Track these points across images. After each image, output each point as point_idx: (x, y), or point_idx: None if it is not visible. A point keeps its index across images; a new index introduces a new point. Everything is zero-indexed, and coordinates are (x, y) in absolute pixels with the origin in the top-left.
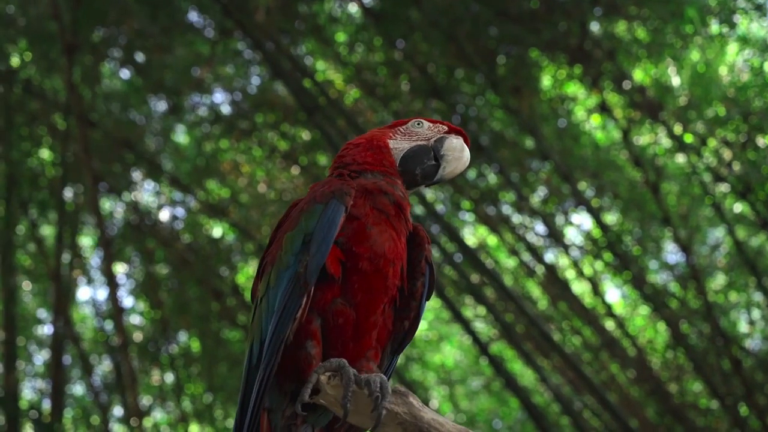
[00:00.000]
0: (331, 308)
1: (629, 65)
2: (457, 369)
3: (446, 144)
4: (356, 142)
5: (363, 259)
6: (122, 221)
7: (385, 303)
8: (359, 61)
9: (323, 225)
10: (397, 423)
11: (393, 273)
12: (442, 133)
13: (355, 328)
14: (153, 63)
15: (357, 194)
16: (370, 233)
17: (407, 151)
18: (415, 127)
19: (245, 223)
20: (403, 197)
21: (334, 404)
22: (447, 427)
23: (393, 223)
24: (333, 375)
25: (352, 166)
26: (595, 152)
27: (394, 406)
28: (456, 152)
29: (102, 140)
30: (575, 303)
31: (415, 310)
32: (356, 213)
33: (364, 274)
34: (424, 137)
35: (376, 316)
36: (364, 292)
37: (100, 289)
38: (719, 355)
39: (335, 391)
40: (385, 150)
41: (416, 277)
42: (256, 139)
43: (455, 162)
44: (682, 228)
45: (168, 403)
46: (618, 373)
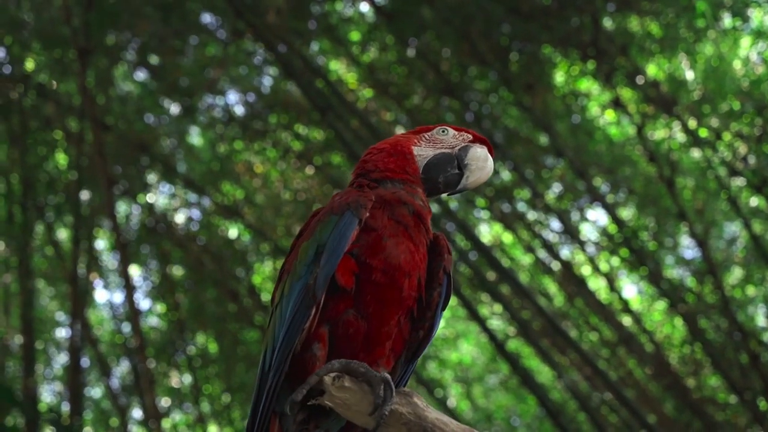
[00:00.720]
0: (342, 318)
1: (642, 60)
2: (475, 366)
3: (470, 153)
4: (380, 147)
5: (377, 271)
6: (138, 224)
7: (400, 314)
8: (372, 60)
9: (335, 237)
10: (402, 423)
11: (409, 285)
12: (467, 142)
13: (366, 338)
14: (166, 65)
15: (375, 205)
16: (385, 245)
17: (431, 159)
18: (440, 135)
19: (260, 224)
20: (423, 206)
21: (341, 406)
22: (451, 426)
23: (411, 234)
24: (338, 376)
25: (373, 174)
26: (609, 148)
27: (398, 407)
28: (480, 162)
29: (116, 143)
30: (592, 299)
31: (431, 320)
32: (373, 224)
33: (378, 286)
34: (449, 145)
35: (389, 327)
36: (377, 303)
37: (116, 292)
38: (737, 349)
39: (341, 393)
40: (409, 156)
41: (433, 287)
42: (270, 139)
43: (478, 172)
44: (698, 222)
45: (186, 404)
46: (635, 369)
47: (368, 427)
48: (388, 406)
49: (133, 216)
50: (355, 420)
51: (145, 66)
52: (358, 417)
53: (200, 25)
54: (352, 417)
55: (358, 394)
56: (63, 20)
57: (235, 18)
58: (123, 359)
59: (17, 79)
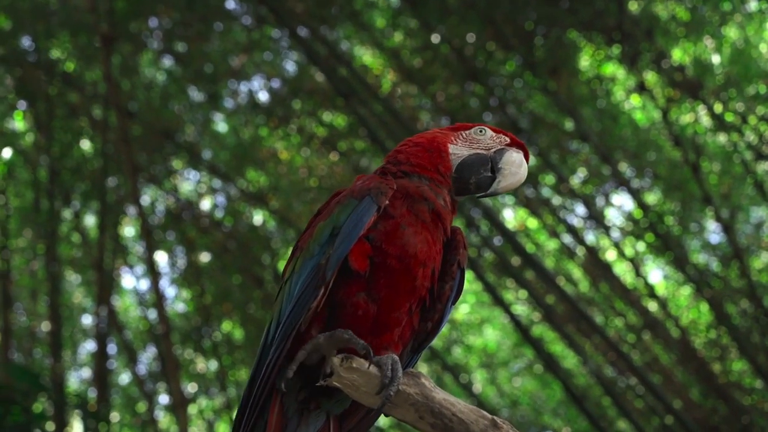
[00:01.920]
0: (352, 300)
1: (668, 44)
2: (500, 352)
3: (505, 157)
4: (417, 141)
5: (392, 257)
6: (163, 211)
7: (411, 302)
8: (396, 45)
9: (352, 221)
10: (410, 404)
11: (423, 275)
12: (504, 145)
13: (375, 322)
14: (191, 52)
15: (396, 194)
16: (403, 233)
17: (465, 158)
18: (478, 135)
19: (285, 211)
20: (445, 206)
21: (349, 387)
22: (458, 407)
23: (429, 227)
24: (346, 357)
25: (403, 166)
26: (634, 132)
27: (406, 387)
28: (513, 167)
29: (141, 130)
30: (617, 284)
31: (440, 312)
32: (393, 212)
33: (392, 272)
34: (485, 146)
35: (399, 313)
36: (389, 289)
37: (142, 279)
38: (763, 333)
39: (349, 373)
40: (444, 154)
41: (446, 280)
42: (294, 125)
43: (511, 177)
44: (724, 207)
45: (212, 390)
46: (661, 354)
47: (375, 407)
48: (395, 387)
49: (158, 203)
50: (363, 400)
51: (170, 53)
52: (365, 397)
53: (225, 10)
54: (359, 397)
55: (366, 375)
56: (88, 8)
57: (258, 3)
58: (149, 345)
59: (43, 66)
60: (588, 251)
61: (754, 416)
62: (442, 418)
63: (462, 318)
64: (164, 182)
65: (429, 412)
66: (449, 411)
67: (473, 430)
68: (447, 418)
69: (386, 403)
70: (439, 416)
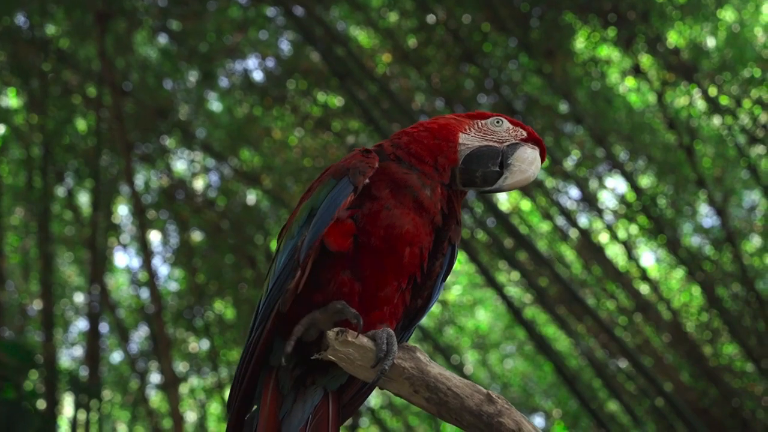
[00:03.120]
0: (337, 279)
1: (663, 27)
2: (492, 333)
3: (517, 153)
4: (428, 125)
5: (376, 237)
6: (157, 189)
7: (400, 281)
8: (391, 26)
9: (326, 203)
10: (404, 378)
11: (410, 253)
12: (519, 139)
13: (361, 300)
14: (186, 30)
15: (382, 176)
16: (388, 213)
17: (475, 150)
18: (494, 126)
19: (279, 190)
20: (431, 197)
21: (344, 361)
22: (454, 381)
23: (416, 209)
24: (341, 331)
25: (400, 150)
26: (629, 115)
27: (401, 361)
28: (524, 164)
29: (136, 109)
30: (609, 267)
31: (430, 290)
32: (377, 193)
33: (377, 251)
34: (499, 138)
35: (387, 291)
36: (374, 268)
37: (135, 257)
38: (755, 317)
39: (344, 347)
40: (452, 144)
41: (437, 256)
42: (288, 105)
43: (519, 175)
44: (718, 191)
45: (204, 370)
46: (652, 337)
47: (370, 380)
48: (390, 360)
49: (151, 181)
50: (358, 374)
51: (165, 31)
52: (360, 371)
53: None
54: (354, 371)
55: (362, 349)
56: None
57: None
58: (141, 324)
59: (37, 44)
60: (581, 234)
61: (743, 400)
62: (437, 393)
63: (454, 299)
64: (158, 161)
65: (424, 387)
66: (444, 385)
67: (468, 404)
68: (442, 393)
69: (381, 377)
70: (434, 390)
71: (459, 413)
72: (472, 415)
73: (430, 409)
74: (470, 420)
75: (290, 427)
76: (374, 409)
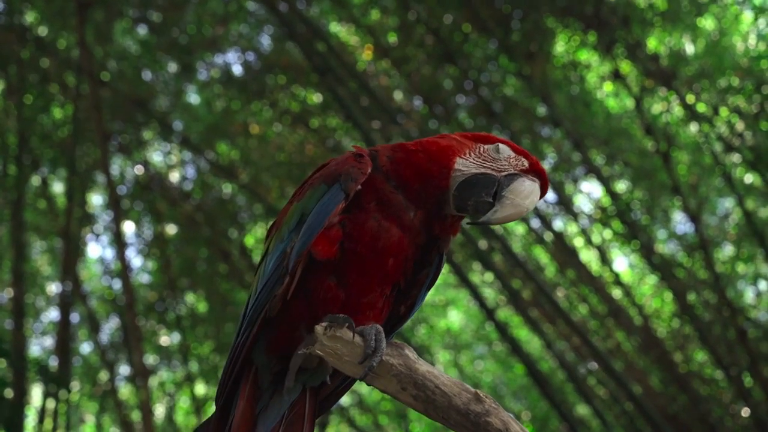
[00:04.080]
0: (323, 285)
1: (644, 33)
2: (463, 334)
3: (514, 184)
4: (426, 145)
5: (363, 245)
6: (132, 180)
7: (384, 288)
8: (373, 23)
9: (317, 210)
10: (392, 374)
11: (394, 263)
12: (519, 170)
13: (344, 306)
14: (167, 21)
15: (371, 188)
16: (374, 224)
17: (470, 177)
18: (495, 153)
19: (255, 185)
20: (413, 222)
21: (331, 356)
22: (442, 379)
23: (399, 222)
24: (330, 326)
25: (392, 167)
26: (606, 120)
27: (390, 358)
28: (518, 197)
29: (113, 99)
30: (583, 271)
31: (413, 298)
32: (366, 203)
33: (361, 259)
34: (498, 167)
35: (369, 298)
36: (358, 274)
37: (108, 248)
38: (725, 325)
39: (332, 342)
40: (445, 170)
41: (424, 265)
42: (267, 100)
43: (510, 208)
44: (692, 198)
45: (174, 363)
46: (624, 342)
47: (357, 377)
48: (378, 357)
49: (127, 173)
50: (345, 370)
51: (145, 22)
52: (348, 367)
53: None
54: (342, 367)
55: (349, 344)
56: None
57: None
58: (113, 315)
59: (16, 31)
60: (555, 237)
61: (712, 406)
62: (424, 390)
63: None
64: (134, 152)
65: (412, 384)
66: (432, 383)
67: (455, 403)
68: (430, 390)
69: (369, 373)
70: (422, 388)
71: (446, 411)
72: (460, 414)
73: (417, 407)
74: (457, 419)
75: (266, 421)
76: (344, 406)
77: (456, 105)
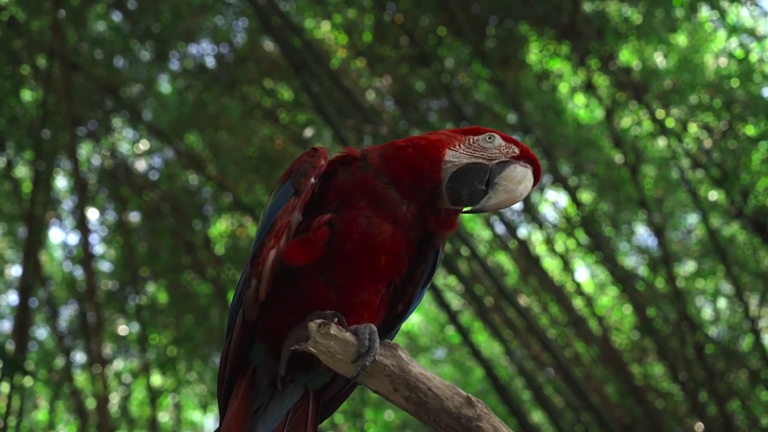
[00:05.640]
0: (312, 284)
1: (617, 46)
2: (422, 337)
3: (506, 171)
4: (416, 141)
5: (352, 243)
6: (99, 167)
7: (378, 286)
8: (349, 22)
9: (268, 209)
10: (385, 375)
11: (387, 261)
12: (510, 157)
13: (337, 306)
14: (142, 9)
15: (361, 186)
16: (364, 221)
17: (462, 167)
18: (485, 142)
19: (222, 177)
20: (405, 216)
21: (324, 354)
22: (434, 382)
23: (391, 219)
24: (323, 323)
25: (382, 164)
26: (576, 130)
27: (383, 358)
28: (512, 183)
29: (84, 84)
30: (545, 279)
31: (410, 296)
32: (356, 201)
33: (351, 258)
34: (489, 155)
35: (362, 297)
36: (349, 274)
37: (71, 234)
38: (683, 340)
39: (325, 339)
40: (435, 163)
41: (419, 262)
42: (238, 93)
43: (504, 194)
44: (657, 212)
45: (131, 352)
46: (582, 352)
47: (349, 375)
48: (371, 356)
49: (94, 159)
50: (338, 368)
51: (120, 8)
52: (340, 365)
53: None
54: (334, 365)
55: (343, 342)
56: None
57: None
58: (72, 302)
59: None
60: (519, 244)
61: (667, 420)
62: (417, 392)
63: None
64: (102, 138)
65: (404, 385)
66: (425, 385)
67: (447, 406)
68: (422, 392)
69: (361, 372)
70: (414, 390)
71: (438, 414)
72: (451, 418)
73: (408, 408)
74: (448, 422)
75: (266, 424)
76: None
77: (427, 108)
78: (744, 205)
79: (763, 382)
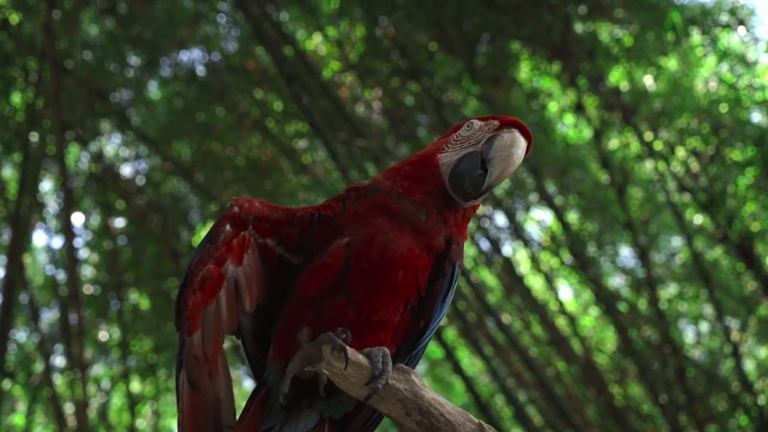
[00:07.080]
0: (332, 303)
1: (607, 67)
2: None
3: (495, 144)
4: (411, 159)
5: (370, 261)
6: (86, 171)
7: (397, 304)
8: (340, 34)
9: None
10: (397, 399)
11: (404, 276)
12: (493, 131)
13: (355, 325)
14: (135, 14)
15: (377, 206)
16: (382, 237)
17: (456, 164)
18: (466, 132)
19: (209, 185)
20: (426, 223)
21: (337, 376)
22: (447, 407)
23: (411, 234)
24: (340, 346)
25: (391, 185)
26: (564, 150)
27: (396, 382)
28: (504, 151)
29: (74, 88)
30: (528, 297)
31: (430, 311)
32: (373, 219)
33: (369, 275)
34: (474, 141)
35: (381, 315)
36: (367, 292)
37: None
38: (664, 363)
39: (339, 362)
40: (433, 169)
41: (437, 277)
42: (228, 102)
43: (501, 163)
44: (642, 234)
45: (111, 358)
46: (564, 372)
47: (361, 398)
48: (383, 379)
49: (81, 163)
50: (350, 390)
51: (112, 13)
52: (353, 388)
53: None
54: (347, 387)
55: (356, 365)
56: None
57: None
58: (53, 306)
59: None
60: (504, 261)
61: None
62: (429, 417)
63: None
64: (90, 143)
65: (417, 410)
66: (437, 411)
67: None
68: (434, 418)
69: (373, 395)
70: (426, 415)
71: None
72: None
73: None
74: None
75: None
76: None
77: (416, 123)
78: (729, 229)
79: (742, 406)
